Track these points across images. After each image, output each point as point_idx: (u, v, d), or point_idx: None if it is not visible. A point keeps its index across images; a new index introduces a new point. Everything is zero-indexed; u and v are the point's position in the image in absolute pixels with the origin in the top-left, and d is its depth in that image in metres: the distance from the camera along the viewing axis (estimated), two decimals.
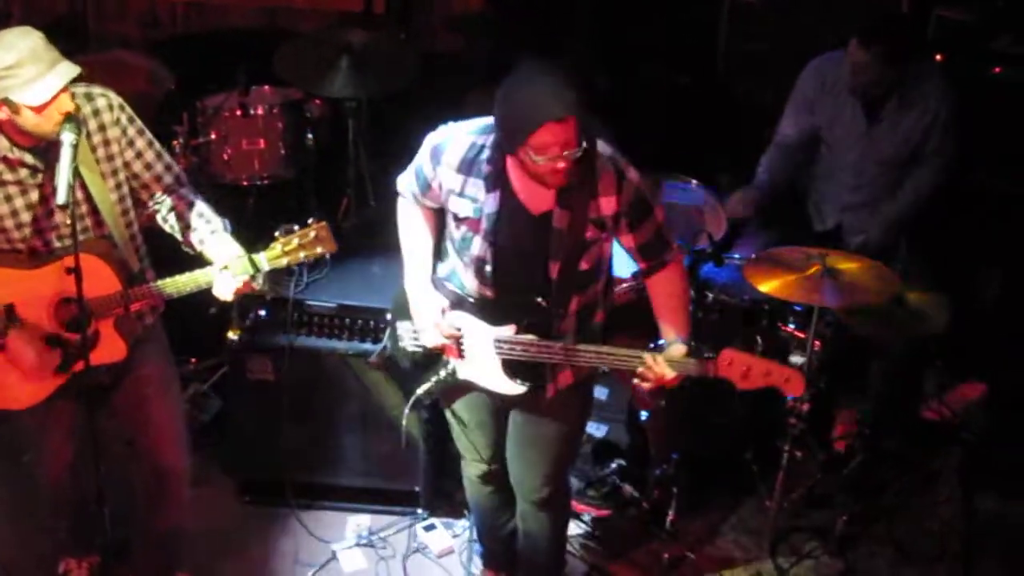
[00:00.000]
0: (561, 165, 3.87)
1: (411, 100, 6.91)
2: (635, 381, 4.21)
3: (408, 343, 4.56)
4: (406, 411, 4.64)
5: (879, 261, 5.16)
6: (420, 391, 4.53)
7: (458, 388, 4.56)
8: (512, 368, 4.31)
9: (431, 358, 4.51)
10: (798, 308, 5.64)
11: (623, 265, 4.97)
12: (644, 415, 5.54)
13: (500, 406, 4.61)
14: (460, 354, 4.38)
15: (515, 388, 4.35)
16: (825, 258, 5.00)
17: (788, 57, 6.17)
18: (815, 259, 5.02)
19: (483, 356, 4.34)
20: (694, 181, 6.40)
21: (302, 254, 4.21)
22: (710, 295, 5.76)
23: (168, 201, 4.49)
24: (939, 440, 6.27)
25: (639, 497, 5.66)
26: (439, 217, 4.42)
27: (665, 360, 4.09)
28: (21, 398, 4.42)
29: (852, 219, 6.00)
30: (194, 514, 5.05)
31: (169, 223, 4.48)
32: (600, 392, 6.33)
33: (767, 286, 4.97)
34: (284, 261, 4.21)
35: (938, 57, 6.78)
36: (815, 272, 4.98)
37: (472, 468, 4.94)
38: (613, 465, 5.75)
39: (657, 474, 5.60)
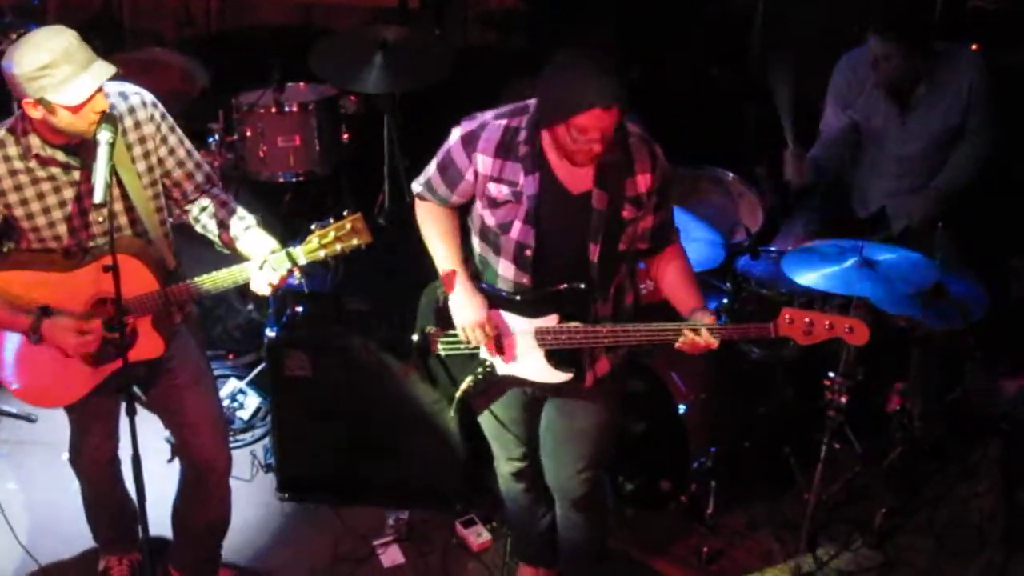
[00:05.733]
0: (597, 148, 3.90)
1: (446, 95, 6.91)
2: (680, 343, 4.11)
3: (441, 348, 4.52)
4: (452, 415, 4.63)
5: (920, 248, 5.14)
6: (459, 392, 4.50)
7: (492, 387, 4.54)
8: (556, 357, 4.29)
9: (465, 359, 4.48)
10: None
11: None
12: (682, 408, 5.53)
13: (534, 401, 4.60)
14: (501, 351, 4.35)
15: (561, 376, 4.31)
16: (862, 249, 4.98)
17: (823, 48, 6.13)
18: (852, 251, 5.00)
19: (525, 350, 4.32)
20: (731, 173, 6.39)
21: (339, 246, 4.17)
22: (747, 288, 5.74)
23: (200, 200, 4.50)
24: (979, 432, 6.23)
25: (677, 491, 5.65)
26: (461, 215, 4.41)
27: (710, 328, 4.06)
28: (62, 395, 4.47)
29: (897, 204, 5.97)
30: (233, 510, 5.06)
31: (201, 223, 4.49)
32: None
33: (804, 277, 4.95)
34: (321, 254, 4.18)
35: (973, 47, 6.73)
36: (852, 263, 4.96)
37: (505, 466, 4.92)
38: (650, 459, 5.74)
39: (695, 467, 5.58)
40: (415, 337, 4.57)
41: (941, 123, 5.74)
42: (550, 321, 4.23)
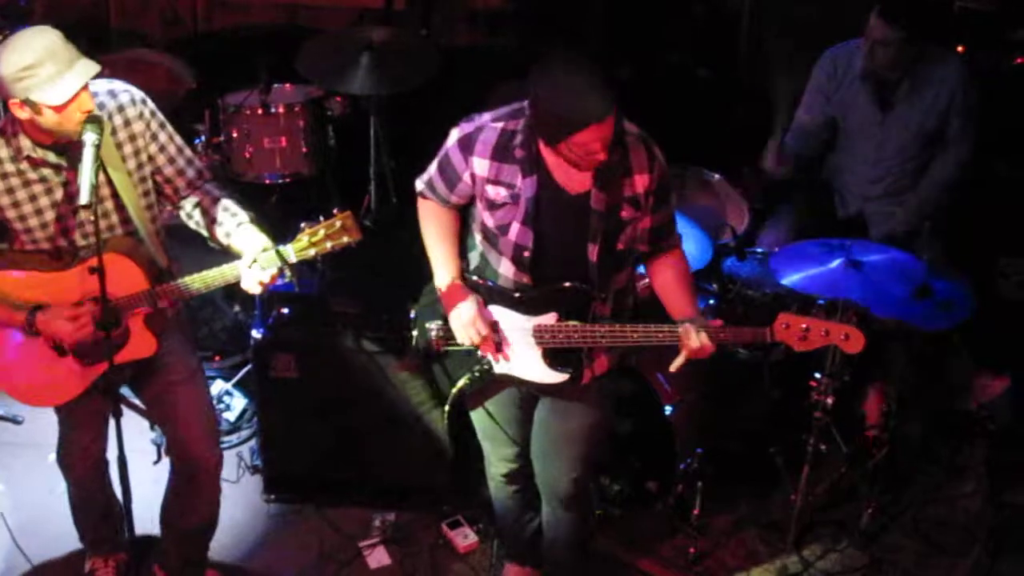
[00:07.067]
0: (600, 156, 3.90)
1: (432, 96, 6.91)
2: (676, 364, 4.14)
3: (443, 343, 4.52)
4: (446, 409, 4.64)
5: (905, 250, 5.15)
6: (455, 390, 4.50)
7: (489, 385, 4.54)
8: (552, 356, 4.29)
9: (463, 356, 4.48)
10: (821, 301, 5.62)
11: None
12: (669, 409, 5.53)
13: (529, 400, 4.61)
14: (497, 349, 4.35)
15: (557, 376, 4.32)
16: (849, 249, 4.99)
17: (811, 50, 6.15)
18: (839, 251, 5.01)
19: (521, 348, 4.32)
20: (717, 175, 6.40)
21: (329, 244, 4.16)
22: (733, 289, 5.74)
23: (192, 197, 4.49)
24: (965, 432, 6.25)
25: (664, 492, 5.65)
26: (462, 214, 4.41)
27: (707, 332, 4.05)
28: (54, 395, 4.47)
29: (875, 209, 5.99)
30: (220, 511, 5.06)
31: (194, 219, 4.48)
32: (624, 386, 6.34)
33: (790, 279, 4.96)
34: (311, 252, 4.17)
35: (960, 48, 6.76)
36: (839, 264, 4.96)
37: (497, 468, 4.93)
38: (637, 460, 5.74)
39: (682, 468, 5.58)
40: (415, 333, 4.58)
41: (919, 124, 5.76)
42: (549, 319, 4.23)
